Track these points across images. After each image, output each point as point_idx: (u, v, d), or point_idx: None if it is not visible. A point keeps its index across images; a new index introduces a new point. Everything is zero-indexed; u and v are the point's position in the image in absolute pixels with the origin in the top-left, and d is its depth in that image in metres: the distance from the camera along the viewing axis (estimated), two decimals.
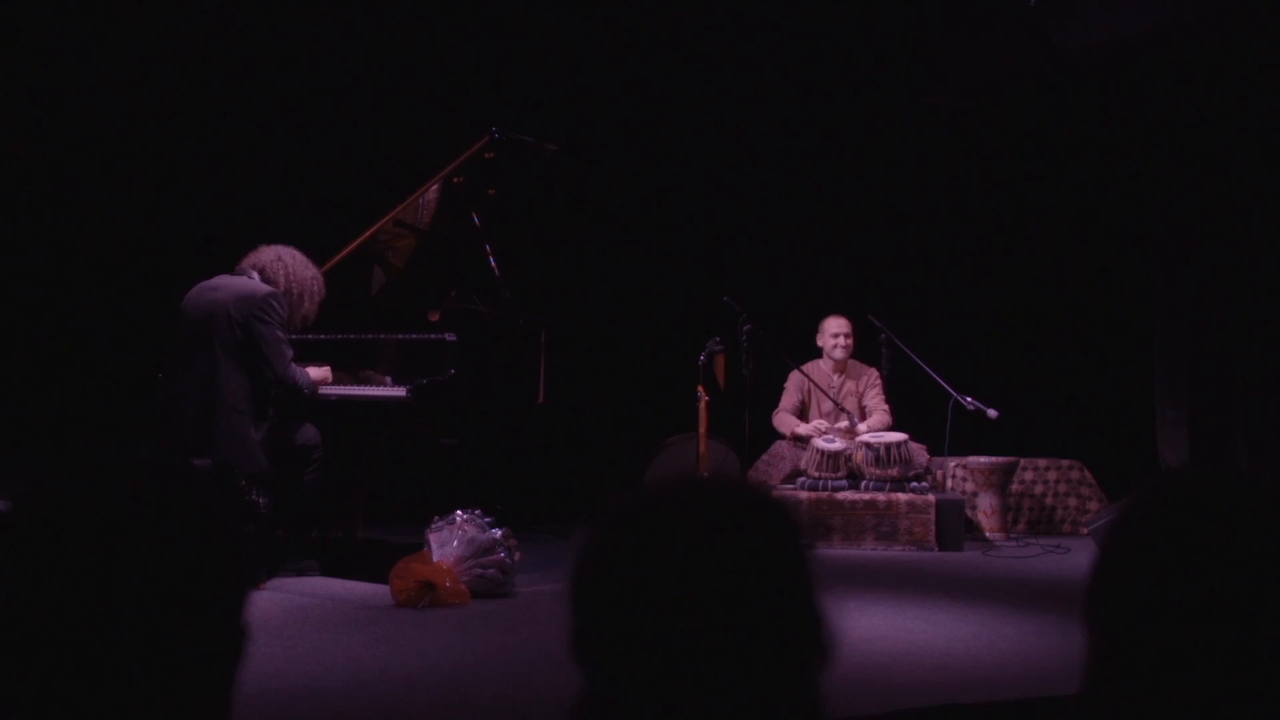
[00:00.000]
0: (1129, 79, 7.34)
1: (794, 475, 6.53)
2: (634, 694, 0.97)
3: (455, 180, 5.41)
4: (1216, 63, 6.92)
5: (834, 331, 6.79)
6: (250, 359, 4.68)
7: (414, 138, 6.81)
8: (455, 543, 4.50)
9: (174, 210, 6.51)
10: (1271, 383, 6.87)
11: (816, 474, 6.36)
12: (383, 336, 5.29)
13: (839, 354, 6.78)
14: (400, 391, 5.01)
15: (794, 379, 6.88)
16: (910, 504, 6.19)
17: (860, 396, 6.85)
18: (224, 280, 4.82)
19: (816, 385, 6.78)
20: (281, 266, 4.87)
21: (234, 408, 4.63)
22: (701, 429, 6.16)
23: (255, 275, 4.83)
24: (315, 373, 4.99)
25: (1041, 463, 7.01)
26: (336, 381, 5.18)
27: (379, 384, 5.20)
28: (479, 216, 5.46)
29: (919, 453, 6.40)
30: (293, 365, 4.78)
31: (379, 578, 4.61)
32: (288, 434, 4.91)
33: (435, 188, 5.41)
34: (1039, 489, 6.99)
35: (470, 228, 5.46)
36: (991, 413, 6.26)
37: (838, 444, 6.42)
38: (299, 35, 6.81)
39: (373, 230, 5.38)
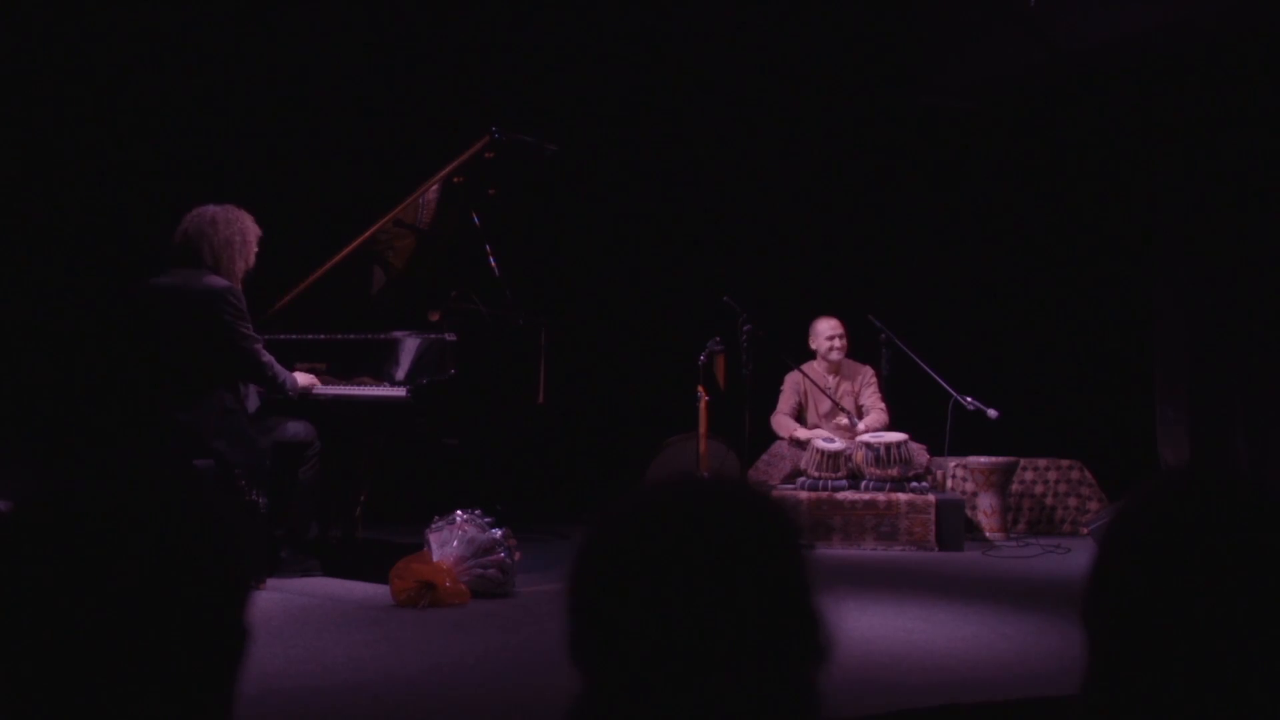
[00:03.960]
0: (1129, 79, 7.34)
1: (794, 475, 6.54)
2: (632, 695, 0.97)
3: (455, 180, 5.41)
4: (1216, 63, 6.92)
5: (828, 334, 6.77)
6: (224, 357, 4.68)
7: (414, 138, 6.82)
8: (455, 543, 4.50)
9: (174, 210, 6.49)
10: (1271, 383, 6.87)
11: (816, 474, 6.36)
12: (383, 336, 5.30)
13: (835, 355, 6.77)
14: (400, 391, 5.01)
15: (790, 381, 6.88)
16: (910, 504, 6.19)
17: (856, 396, 6.85)
18: (174, 282, 4.72)
19: (815, 385, 6.78)
20: (205, 240, 4.75)
21: (228, 408, 4.66)
22: (701, 429, 6.16)
23: (205, 266, 4.72)
24: (303, 379, 5.00)
25: (1041, 463, 7.01)
26: (334, 382, 5.20)
27: (371, 385, 5.20)
28: (479, 216, 5.46)
29: (919, 453, 6.40)
30: (266, 355, 4.76)
31: (379, 578, 4.61)
32: (282, 431, 4.92)
33: (435, 188, 5.41)
34: (1039, 489, 6.99)
35: (470, 228, 5.46)
36: (991, 413, 6.27)
37: (838, 444, 6.42)
38: (299, 34, 6.81)
39: (373, 230, 5.38)
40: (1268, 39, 6.60)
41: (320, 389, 5.11)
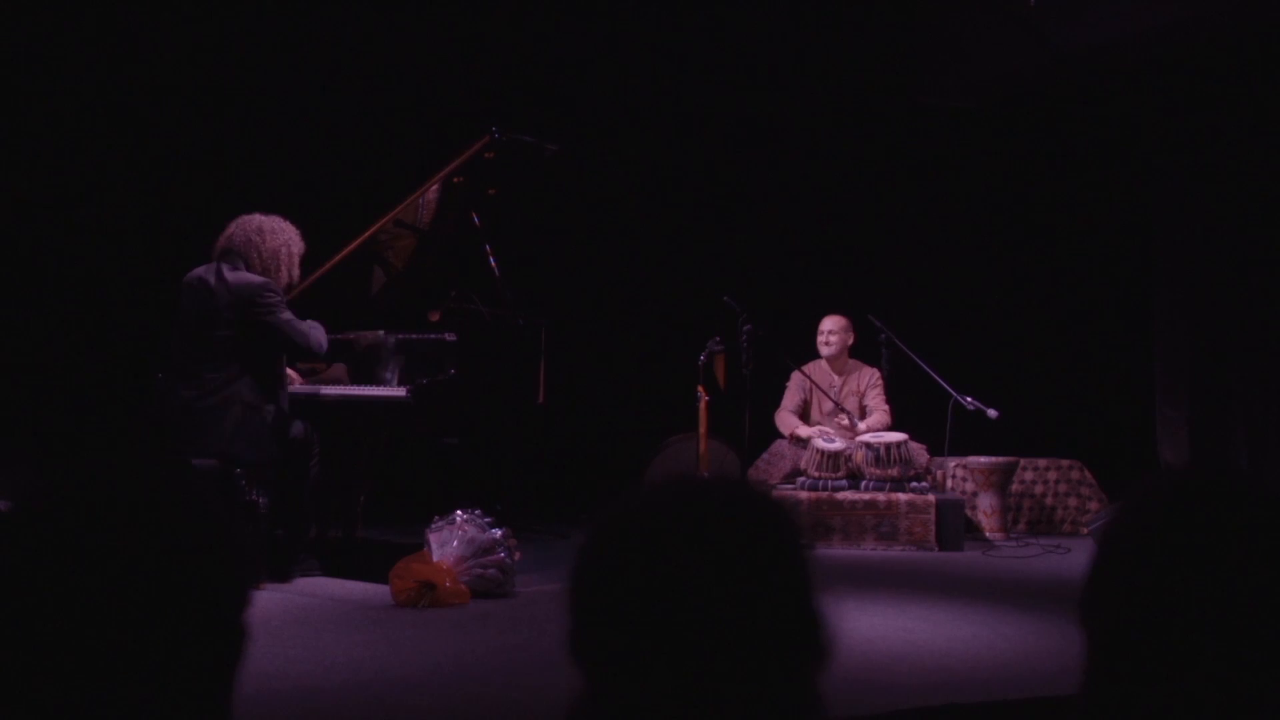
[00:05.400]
0: (1129, 79, 7.34)
1: (794, 475, 6.53)
2: (633, 694, 0.97)
3: (455, 180, 5.41)
4: (1216, 63, 6.92)
5: (821, 329, 6.81)
6: (253, 353, 4.71)
7: (414, 138, 6.81)
8: (455, 543, 4.50)
9: (174, 210, 6.51)
10: (1271, 383, 6.87)
11: (816, 474, 6.35)
12: (382, 336, 5.30)
13: (826, 350, 6.81)
14: (400, 391, 5.01)
15: (796, 378, 6.89)
16: (910, 504, 6.19)
17: (861, 396, 6.85)
18: (212, 276, 4.76)
19: (817, 385, 6.78)
20: (253, 248, 4.80)
21: (249, 404, 4.68)
22: (701, 429, 6.16)
23: (241, 264, 4.78)
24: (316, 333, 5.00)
25: (1041, 463, 7.01)
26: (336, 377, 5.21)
27: (371, 385, 5.20)
28: (479, 216, 5.46)
29: (919, 453, 6.40)
30: (311, 336, 4.80)
31: (379, 578, 4.61)
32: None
33: (435, 188, 5.41)
34: (1039, 489, 6.99)
35: (470, 228, 5.46)
36: (991, 413, 6.26)
37: (838, 444, 6.42)
38: (300, 35, 6.81)
39: (373, 230, 5.38)
40: (1268, 39, 6.60)
41: (326, 390, 5.13)
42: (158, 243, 6.42)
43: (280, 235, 4.86)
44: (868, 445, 6.35)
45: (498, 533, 4.61)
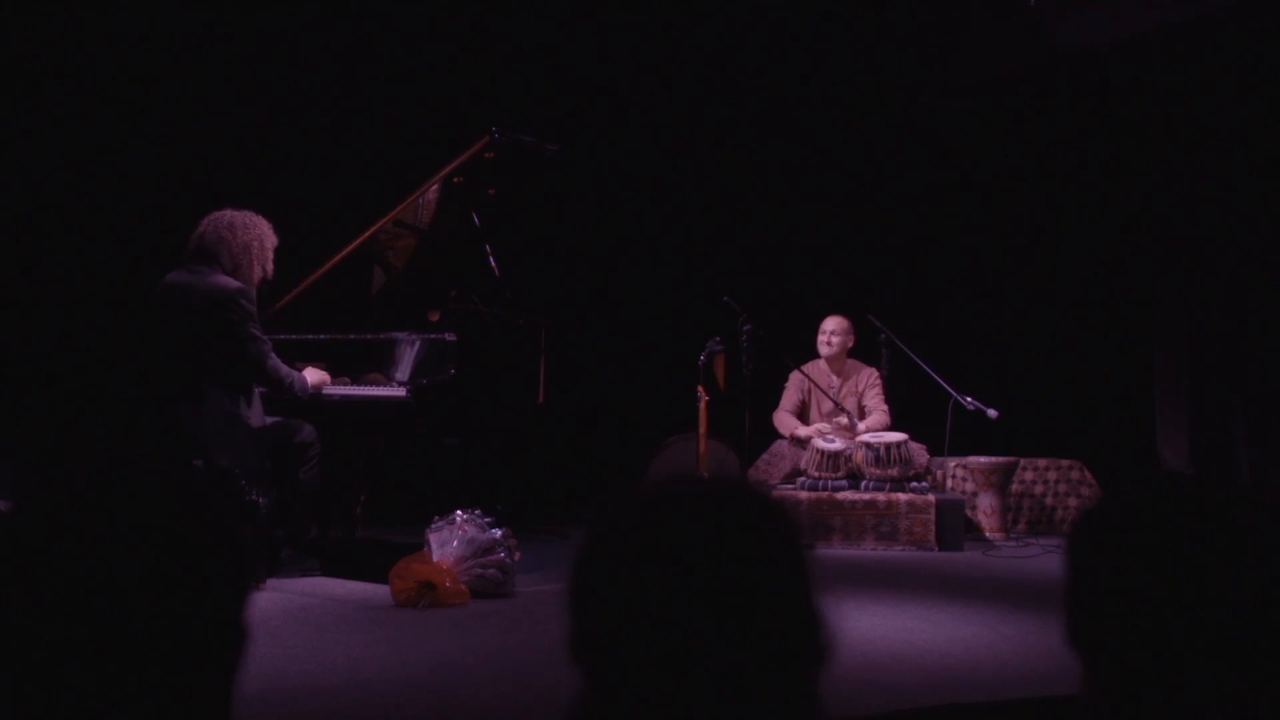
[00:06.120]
0: (1129, 79, 7.34)
1: (794, 475, 6.53)
2: (632, 695, 0.97)
3: (455, 180, 5.41)
4: (1216, 63, 6.92)
5: (822, 329, 6.82)
6: (229, 360, 4.69)
7: (414, 138, 6.81)
8: (455, 543, 4.51)
9: (174, 210, 6.50)
10: (1271, 383, 6.87)
11: (816, 474, 6.35)
12: (382, 336, 5.30)
13: (824, 350, 6.81)
14: (400, 391, 5.01)
15: (795, 379, 6.89)
16: (910, 504, 6.19)
17: (860, 396, 6.85)
18: (187, 280, 4.71)
19: (816, 385, 6.79)
20: (223, 244, 4.71)
21: (228, 412, 4.65)
22: (701, 429, 6.16)
23: (216, 265, 4.71)
24: (313, 376, 4.99)
25: (1041, 463, 7.01)
26: (336, 382, 5.19)
27: (371, 385, 5.20)
28: (479, 216, 5.46)
29: (919, 453, 6.40)
30: (272, 359, 4.77)
31: (379, 578, 4.61)
32: (285, 432, 4.92)
33: (435, 188, 5.41)
34: (1039, 489, 6.99)
35: (470, 228, 5.46)
36: (991, 413, 6.27)
37: (838, 444, 6.42)
38: (299, 34, 6.81)
39: (373, 230, 5.38)
40: (1268, 39, 6.60)
41: (328, 388, 5.13)
42: (158, 243, 6.42)
43: (251, 230, 4.78)
44: (868, 445, 6.35)
45: (498, 533, 4.61)
